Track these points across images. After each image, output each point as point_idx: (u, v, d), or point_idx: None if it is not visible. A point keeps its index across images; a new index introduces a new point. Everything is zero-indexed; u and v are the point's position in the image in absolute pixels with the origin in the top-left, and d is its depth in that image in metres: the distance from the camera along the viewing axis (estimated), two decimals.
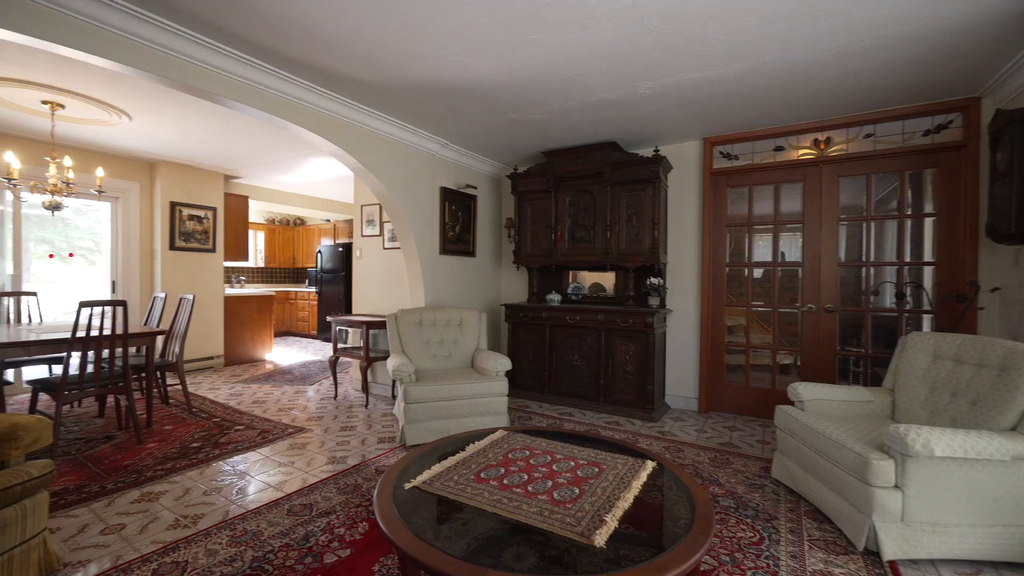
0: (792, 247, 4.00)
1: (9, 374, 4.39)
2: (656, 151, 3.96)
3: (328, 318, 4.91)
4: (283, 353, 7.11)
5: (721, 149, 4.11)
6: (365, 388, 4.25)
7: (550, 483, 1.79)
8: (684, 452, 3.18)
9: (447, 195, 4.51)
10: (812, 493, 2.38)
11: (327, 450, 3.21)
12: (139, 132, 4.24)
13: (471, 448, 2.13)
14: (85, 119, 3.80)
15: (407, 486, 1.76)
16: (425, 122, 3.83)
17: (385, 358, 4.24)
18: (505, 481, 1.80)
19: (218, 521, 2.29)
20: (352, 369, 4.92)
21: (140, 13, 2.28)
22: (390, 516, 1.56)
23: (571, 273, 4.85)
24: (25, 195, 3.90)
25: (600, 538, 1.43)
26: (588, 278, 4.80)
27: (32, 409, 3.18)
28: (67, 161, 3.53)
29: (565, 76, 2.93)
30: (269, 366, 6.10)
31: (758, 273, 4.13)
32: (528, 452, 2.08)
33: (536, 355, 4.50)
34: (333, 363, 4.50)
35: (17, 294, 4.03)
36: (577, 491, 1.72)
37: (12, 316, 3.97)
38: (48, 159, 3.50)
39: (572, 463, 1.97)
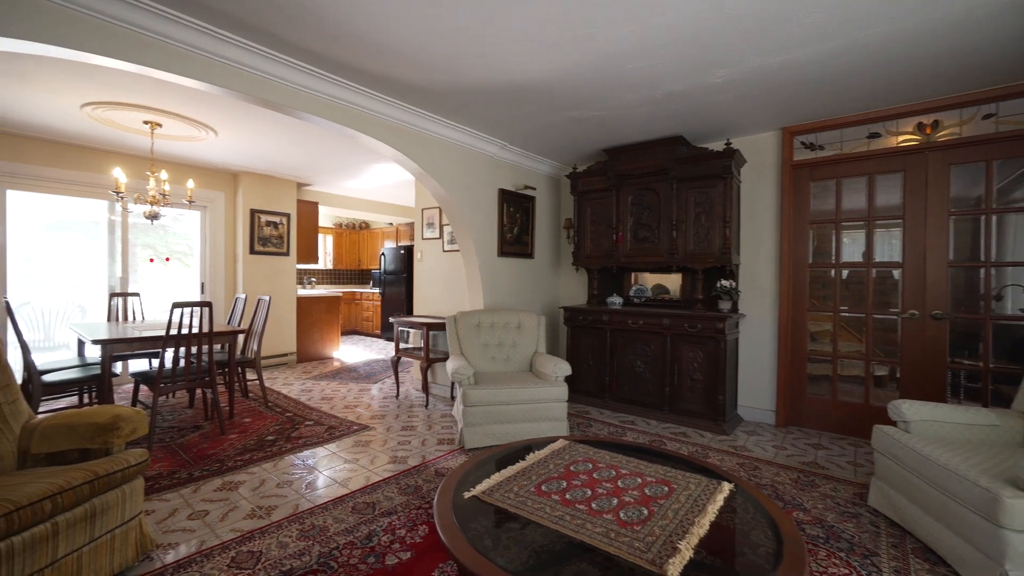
0: (887, 245, 3.56)
1: (118, 366, 4.91)
2: (728, 144, 3.69)
3: (390, 319, 5.05)
4: (349, 351, 7.45)
5: (803, 139, 3.75)
6: (425, 388, 4.33)
7: (615, 501, 1.67)
8: (761, 471, 2.92)
9: (505, 197, 4.48)
10: (921, 529, 2.07)
11: (389, 449, 3.27)
12: (224, 146, 4.59)
13: (531, 457, 2.06)
14: (178, 136, 4.17)
15: (466, 495, 1.72)
16: (483, 124, 3.82)
17: (445, 359, 4.29)
18: (567, 496, 1.71)
19: (289, 514, 2.39)
20: (413, 369, 5.03)
21: (227, 36, 2.45)
22: (449, 526, 1.53)
23: (633, 275, 4.65)
24: (130, 206, 4.35)
25: (674, 568, 1.30)
26: (650, 280, 4.58)
27: (134, 399, 3.52)
28: (163, 175, 3.88)
29: (630, 69, 2.78)
30: (336, 364, 6.40)
31: (845, 274, 3.72)
32: (591, 465, 1.98)
33: (596, 360, 4.35)
34: (395, 363, 4.62)
35: (124, 295, 4.50)
36: (646, 512, 1.60)
37: (120, 314, 4.44)
38: (148, 173, 3.87)
39: (639, 480, 1.84)
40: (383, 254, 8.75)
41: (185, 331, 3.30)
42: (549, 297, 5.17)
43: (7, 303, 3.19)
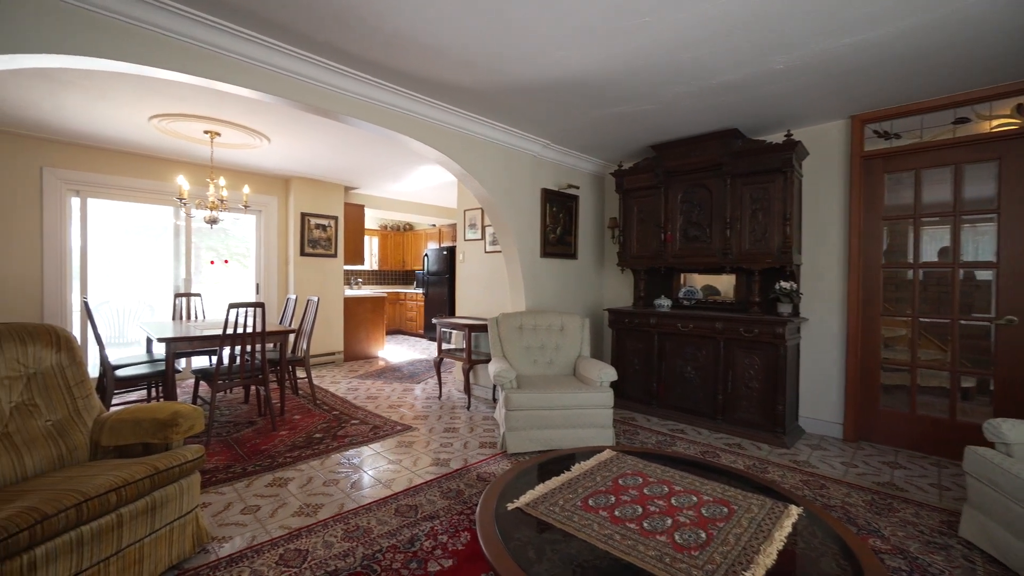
0: (975, 243, 3.19)
1: (182, 362, 5.23)
2: (788, 135, 3.43)
3: (433, 320, 5.09)
4: (394, 350, 7.60)
5: (875, 127, 3.43)
6: (467, 390, 4.31)
7: (669, 521, 1.56)
8: (829, 490, 2.68)
9: (548, 196, 4.40)
10: None
11: (431, 451, 3.27)
12: (276, 152, 4.78)
13: (577, 468, 1.97)
14: (235, 144, 4.37)
15: (510, 507, 1.66)
16: (525, 123, 3.76)
17: (487, 361, 4.26)
18: (617, 513, 1.61)
19: (334, 513, 2.41)
20: (455, 370, 5.04)
21: (284, 47, 2.52)
22: (492, 539, 1.47)
23: (682, 276, 4.43)
24: (193, 211, 4.62)
25: None
26: (698, 280, 4.35)
27: (195, 394, 3.71)
28: (221, 181, 4.08)
29: (682, 59, 2.63)
30: (381, 363, 6.53)
31: (922, 276, 3.37)
32: (641, 479, 1.86)
33: (643, 364, 4.18)
34: (438, 364, 4.64)
35: (187, 295, 4.78)
36: (704, 535, 1.47)
37: (184, 313, 4.72)
38: (208, 180, 4.08)
39: (694, 498, 1.71)
40: (426, 255, 8.88)
41: (240, 331, 3.44)
42: (593, 299, 5.03)
43: (86, 303, 3.44)
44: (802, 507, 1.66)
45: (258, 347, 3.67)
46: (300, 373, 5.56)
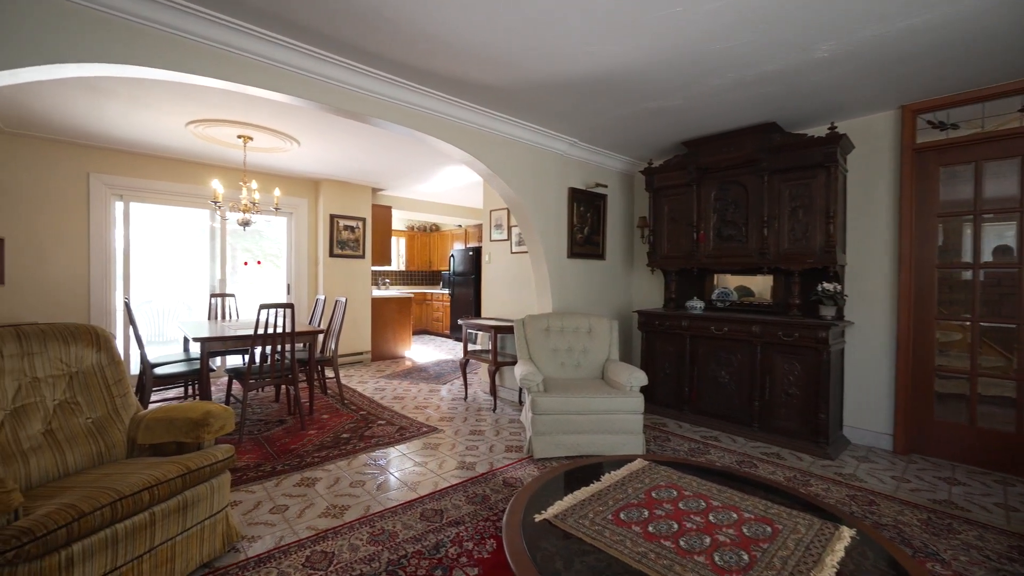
0: None
1: (217, 360, 5.39)
2: (832, 128, 3.24)
3: (459, 320, 5.08)
4: (420, 351, 7.64)
5: (928, 118, 3.20)
6: (493, 391, 4.27)
7: (708, 540, 1.46)
8: (879, 507, 2.50)
9: (575, 195, 4.31)
10: None
11: (457, 454, 3.24)
12: (306, 155, 4.86)
13: (607, 478, 1.89)
14: (267, 148, 4.46)
15: (537, 518, 1.60)
16: (552, 121, 3.69)
17: (513, 363, 4.20)
18: (650, 528, 1.53)
19: (360, 516, 2.40)
20: (481, 371, 5.01)
21: (313, 51, 2.53)
22: (519, 553, 1.41)
23: (715, 277, 4.27)
24: (227, 214, 4.75)
25: None
26: (731, 282, 4.18)
27: (228, 392, 3.80)
28: (253, 184, 4.17)
29: (717, 50, 2.50)
30: (408, 363, 6.57)
31: (982, 275, 3.12)
32: (676, 492, 1.77)
33: (674, 368, 4.04)
34: (463, 365, 4.61)
35: (222, 295, 4.91)
36: (746, 558, 1.38)
37: (219, 313, 4.85)
38: (241, 183, 4.17)
39: (734, 515, 1.60)
40: (452, 256, 8.90)
41: (270, 331, 3.49)
42: (621, 300, 4.91)
43: (127, 304, 3.57)
44: (855, 529, 1.53)
45: (288, 347, 3.72)
46: (329, 373, 5.64)
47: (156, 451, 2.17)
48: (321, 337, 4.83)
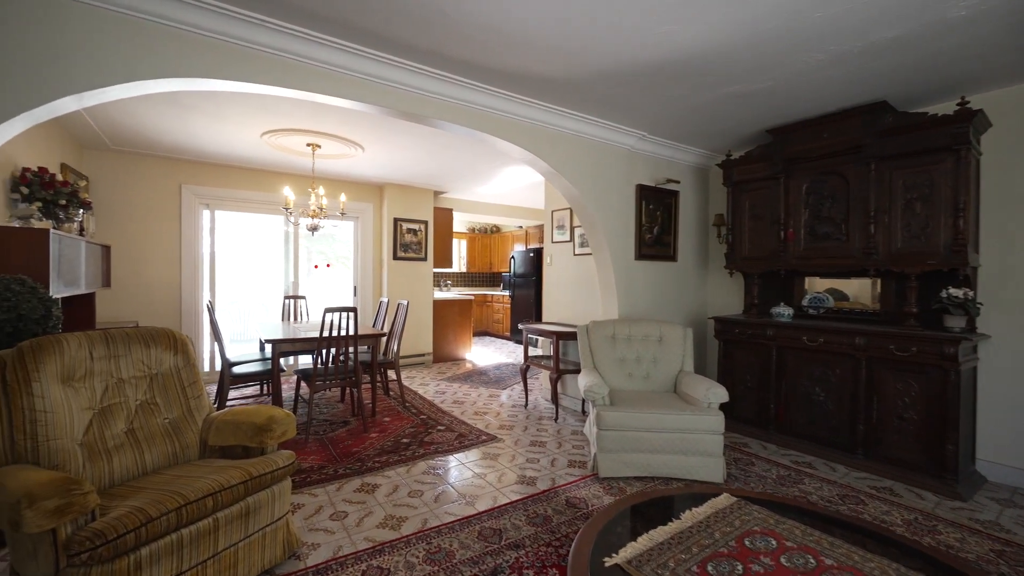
0: None
1: (290, 359, 5.66)
2: (963, 103, 2.71)
3: (519, 325, 4.94)
4: (480, 353, 7.61)
5: None
6: (555, 399, 4.08)
7: None
8: None
9: (644, 193, 4.01)
10: None
11: (517, 466, 3.09)
12: (370, 161, 4.95)
13: (688, 516, 1.64)
14: (333, 154, 4.59)
15: (608, 562, 1.40)
16: (619, 114, 3.43)
17: (575, 371, 3.99)
18: None
19: (417, 529, 2.32)
20: (542, 375, 4.84)
21: (366, 52, 2.51)
22: None
23: (805, 280, 3.78)
24: (300, 220, 4.96)
25: None
26: (819, 285, 3.69)
27: (296, 393, 3.92)
28: (321, 190, 4.29)
29: (818, 19, 2.15)
30: (468, 365, 6.55)
31: None
32: (775, 543, 1.49)
33: (757, 382, 3.63)
34: (524, 372, 4.47)
35: (295, 297, 5.14)
36: None
37: (291, 315, 5.08)
38: (310, 190, 4.31)
39: None
40: (513, 257, 8.81)
41: (334, 334, 3.55)
42: (695, 306, 4.52)
43: (209, 305, 3.78)
44: None
45: (351, 349, 3.77)
46: (391, 375, 5.73)
47: (225, 453, 2.21)
48: (383, 339, 4.89)
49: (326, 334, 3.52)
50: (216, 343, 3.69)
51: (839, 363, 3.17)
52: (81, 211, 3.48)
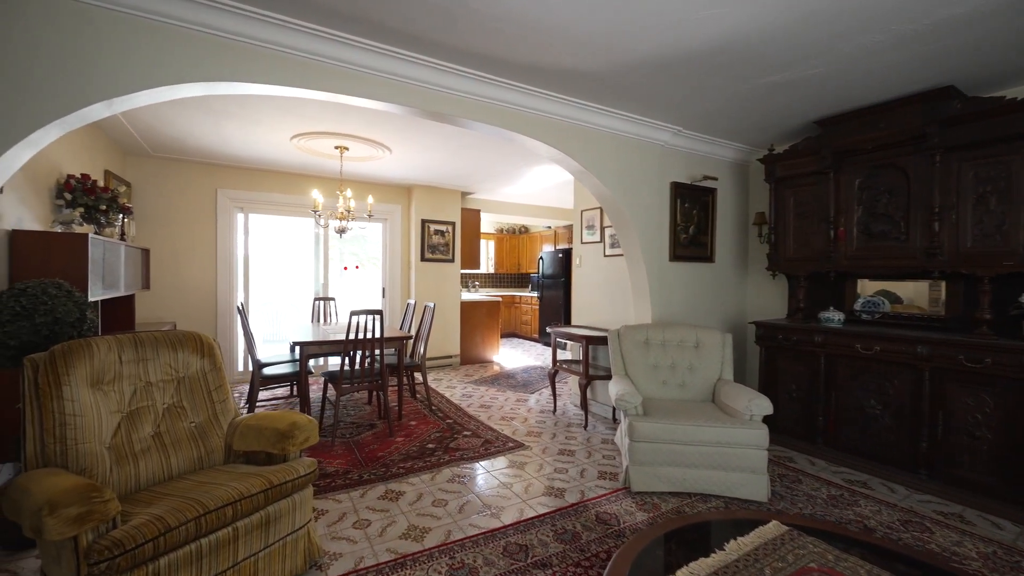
0: None
1: (320, 360, 5.72)
2: None
3: (548, 329, 4.82)
4: (508, 355, 7.52)
5: None
6: (584, 406, 3.93)
7: None
8: None
9: (679, 191, 3.82)
10: None
11: (545, 476, 2.97)
12: (397, 162, 4.94)
13: (732, 547, 1.49)
14: (361, 157, 4.60)
15: None
16: (653, 109, 3.26)
17: (606, 377, 3.83)
18: None
19: (440, 542, 2.24)
20: (571, 380, 4.70)
21: (391, 51, 2.45)
22: None
23: (857, 283, 3.50)
24: (330, 222, 5.00)
25: None
26: (869, 288, 3.40)
27: (324, 396, 3.94)
28: (348, 192, 4.29)
29: None
30: (496, 368, 6.47)
31: None
32: None
33: (803, 392, 3.38)
34: (552, 376, 4.34)
35: (324, 299, 5.19)
36: None
37: (321, 316, 5.12)
38: (338, 192, 4.33)
39: None
40: (541, 258, 8.68)
41: (361, 336, 3.53)
42: (734, 310, 4.28)
43: (239, 308, 3.84)
44: None
45: (377, 352, 3.74)
46: (418, 377, 5.71)
47: (249, 458, 2.19)
48: (409, 342, 4.87)
49: (352, 337, 3.50)
50: (247, 344, 3.73)
51: (898, 373, 2.90)
52: (121, 216, 3.60)
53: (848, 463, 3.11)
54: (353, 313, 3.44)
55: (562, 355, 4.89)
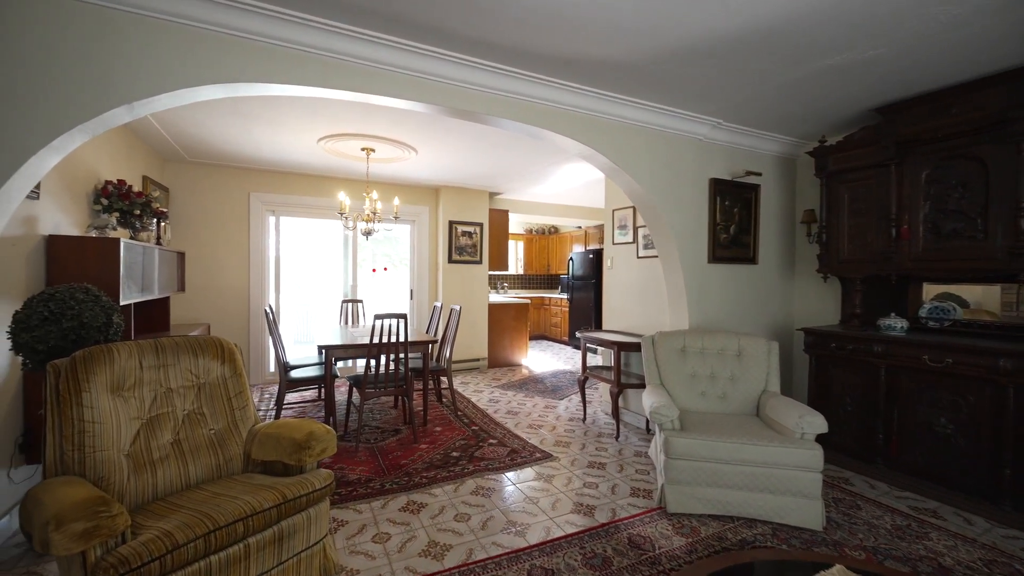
0: None
1: (349, 362, 5.73)
2: None
3: (577, 334, 4.64)
4: (537, 358, 7.36)
5: None
6: (616, 415, 3.73)
7: None
8: None
9: (718, 188, 3.57)
10: None
11: (573, 491, 2.81)
12: (424, 163, 4.87)
13: None
14: (387, 158, 4.55)
15: None
16: (690, 100, 3.04)
17: (639, 385, 3.63)
18: None
19: (461, 562, 2.12)
20: (602, 387, 4.51)
21: (410, 46, 2.35)
22: None
23: (922, 287, 3.16)
24: (358, 224, 5.00)
25: None
26: (931, 290, 3.07)
27: (349, 400, 3.90)
28: (374, 194, 4.25)
29: None
30: (524, 371, 6.32)
31: None
32: None
33: (860, 407, 3.07)
34: (582, 383, 4.16)
35: (352, 301, 5.18)
36: None
37: (349, 319, 5.12)
38: (364, 194, 4.29)
39: None
40: (571, 259, 8.48)
41: (386, 340, 3.46)
42: (779, 315, 3.98)
43: (266, 311, 3.85)
44: None
45: (401, 356, 3.67)
46: (444, 381, 5.63)
47: (267, 467, 2.13)
48: (435, 346, 4.79)
49: (376, 340, 3.43)
50: (274, 347, 3.74)
51: (973, 389, 2.57)
52: (156, 220, 3.66)
53: (914, 487, 2.79)
54: (377, 317, 3.38)
55: (592, 360, 4.70)
